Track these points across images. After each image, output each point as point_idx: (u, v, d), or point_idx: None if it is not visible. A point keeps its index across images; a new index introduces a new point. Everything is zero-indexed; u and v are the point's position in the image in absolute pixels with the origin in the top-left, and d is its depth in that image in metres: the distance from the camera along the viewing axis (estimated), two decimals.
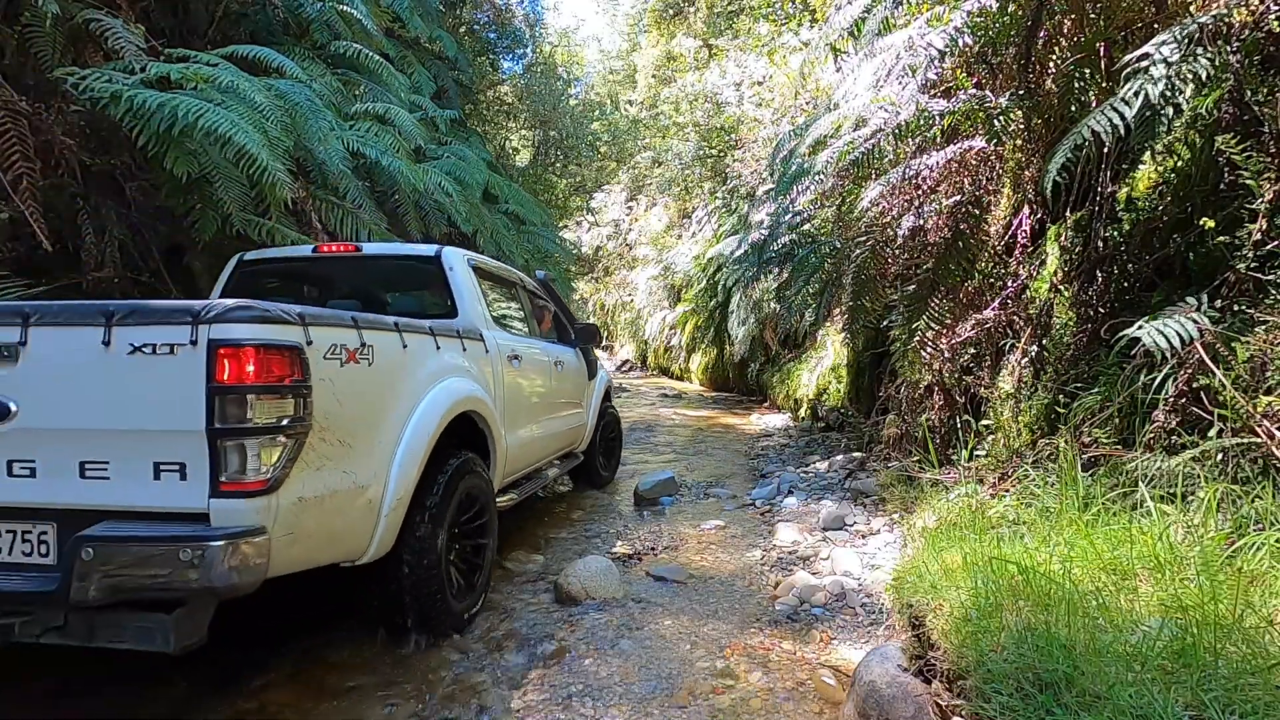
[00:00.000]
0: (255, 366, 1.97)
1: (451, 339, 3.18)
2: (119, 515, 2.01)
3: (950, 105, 3.82)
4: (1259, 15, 2.70)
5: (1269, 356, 2.33)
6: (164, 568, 1.91)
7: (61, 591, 1.90)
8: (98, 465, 2.02)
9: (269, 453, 2.01)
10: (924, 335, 3.90)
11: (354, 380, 2.36)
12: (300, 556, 2.20)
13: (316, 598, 3.18)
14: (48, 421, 2.02)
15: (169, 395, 1.97)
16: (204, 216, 4.38)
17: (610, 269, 24.86)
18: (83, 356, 2.01)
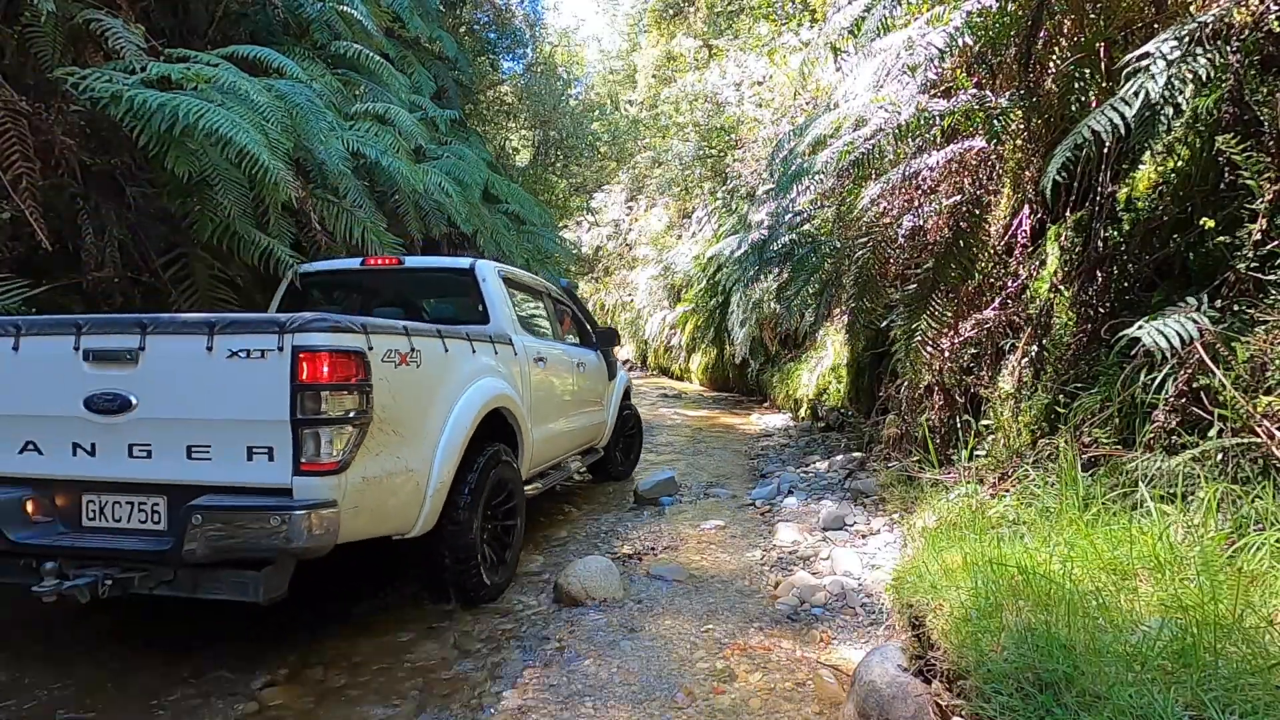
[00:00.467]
0: (329, 368, 2.38)
1: (484, 343, 3.54)
2: (217, 490, 2.43)
3: (950, 105, 3.81)
4: (1259, 15, 2.70)
5: (1269, 356, 2.33)
6: (257, 531, 2.33)
7: (174, 551, 2.34)
8: (202, 448, 2.45)
9: (339, 439, 2.41)
10: (925, 335, 3.89)
11: (405, 380, 2.75)
12: (362, 527, 2.59)
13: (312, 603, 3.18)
14: (162, 412, 2.46)
15: (260, 391, 2.38)
16: (202, 218, 4.38)
17: (610, 269, 24.86)
18: (190, 359, 2.44)
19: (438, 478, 2.94)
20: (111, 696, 2.48)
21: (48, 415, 2.55)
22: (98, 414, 2.48)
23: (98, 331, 2.53)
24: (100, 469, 2.52)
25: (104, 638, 2.95)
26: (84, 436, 2.51)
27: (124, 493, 2.52)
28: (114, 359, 2.49)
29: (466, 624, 3.10)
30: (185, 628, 3.04)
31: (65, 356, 2.51)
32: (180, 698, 2.47)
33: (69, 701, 2.45)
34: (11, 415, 2.58)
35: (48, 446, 2.55)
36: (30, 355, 2.56)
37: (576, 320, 5.67)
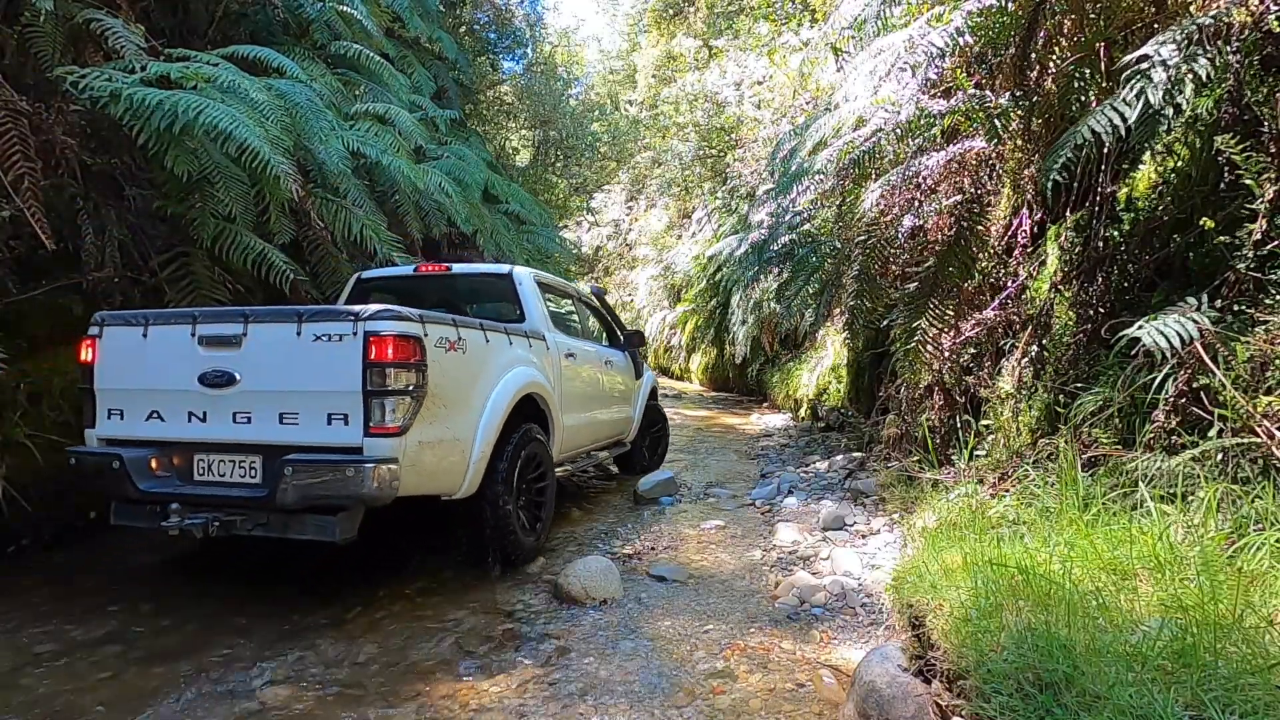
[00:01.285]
0: (393, 350, 2.87)
1: (520, 337, 4.06)
2: (303, 449, 2.93)
3: (950, 105, 3.81)
4: (1259, 15, 2.70)
5: (1269, 356, 2.33)
6: (335, 482, 2.83)
7: (269, 498, 2.88)
8: (291, 414, 2.97)
9: (400, 408, 2.90)
10: (925, 334, 3.89)
11: (453, 362, 3.26)
12: (417, 483, 3.05)
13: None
14: (260, 385, 3.00)
15: (338, 368, 2.88)
16: (203, 216, 4.38)
17: (610, 269, 24.87)
18: (283, 342, 2.98)
19: (480, 448, 3.41)
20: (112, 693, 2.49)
21: (169, 389, 3.11)
22: (209, 388, 3.04)
23: (209, 321, 3.10)
24: (209, 432, 3.08)
25: (110, 638, 2.95)
26: (197, 406, 3.07)
27: (227, 452, 3.08)
28: (222, 343, 3.04)
29: (467, 624, 3.10)
30: (186, 628, 3.04)
31: (184, 341, 3.08)
32: (178, 697, 2.47)
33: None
34: (141, 389, 3.17)
35: (168, 414, 3.13)
36: (156, 340, 3.14)
37: (605, 322, 6.13)
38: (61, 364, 4.09)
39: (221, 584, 3.59)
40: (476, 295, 5.36)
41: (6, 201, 3.54)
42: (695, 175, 17.34)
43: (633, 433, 6.20)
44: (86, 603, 3.29)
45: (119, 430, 3.22)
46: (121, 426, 3.21)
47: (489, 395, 3.55)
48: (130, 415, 3.19)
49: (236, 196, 4.37)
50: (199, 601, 3.34)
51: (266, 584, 3.59)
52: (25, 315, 3.94)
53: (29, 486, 3.79)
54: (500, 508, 3.55)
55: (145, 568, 3.83)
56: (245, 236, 4.49)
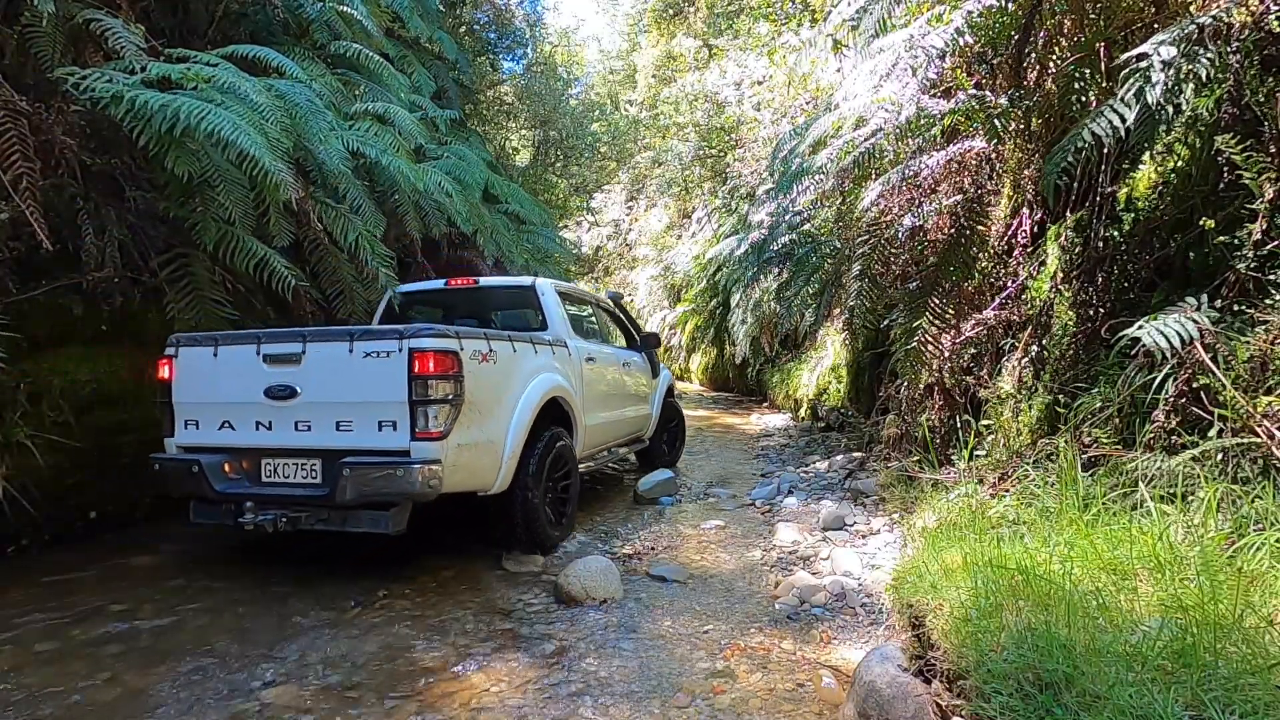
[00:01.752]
0: (434, 364, 3.22)
1: (544, 345, 4.35)
2: (358, 452, 3.28)
3: (950, 105, 3.81)
4: (1259, 15, 2.70)
5: (1269, 356, 2.33)
6: (387, 481, 3.18)
7: (330, 497, 3.24)
8: (346, 422, 3.33)
9: (442, 415, 3.25)
10: (925, 333, 3.89)
11: (486, 372, 3.59)
12: (457, 481, 3.38)
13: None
14: (318, 397, 3.36)
15: (386, 381, 3.23)
16: (205, 219, 4.38)
17: (610, 269, 24.86)
18: (338, 359, 3.34)
19: (511, 448, 3.74)
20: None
21: (238, 402, 3.49)
22: (273, 400, 3.41)
23: (272, 341, 3.47)
24: (275, 440, 3.44)
25: (110, 638, 2.95)
26: (264, 416, 3.45)
27: (291, 457, 3.44)
28: (285, 360, 3.41)
29: (467, 624, 3.10)
30: (187, 628, 3.05)
31: (250, 359, 3.46)
32: (178, 697, 2.47)
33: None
34: (214, 403, 3.54)
35: (238, 424, 3.50)
36: (225, 359, 3.52)
37: (623, 325, 6.49)
38: (61, 364, 4.10)
39: (221, 584, 3.59)
40: (502, 305, 5.67)
41: (6, 202, 3.54)
42: (695, 175, 17.34)
43: (651, 429, 6.50)
44: (86, 603, 3.30)
45: (195, 439, 3.61)
46: (197, 435, 3.60)
47: (518, 400, 3.88)
48: (205, 425, 3.58)
49: (237, 200, 4.37)
50: (199, 602, 3.34)
51: (267, 584, 3.59)
52: (25, 315, 3.94)
53: (29, 486, 3.79)
54: (530, 502, 3.88)
55: (144, 568, 3.83)
56: (247, 241, 4.49)
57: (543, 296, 4.92)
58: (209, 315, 4.58)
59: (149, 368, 3.98)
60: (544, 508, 4.01)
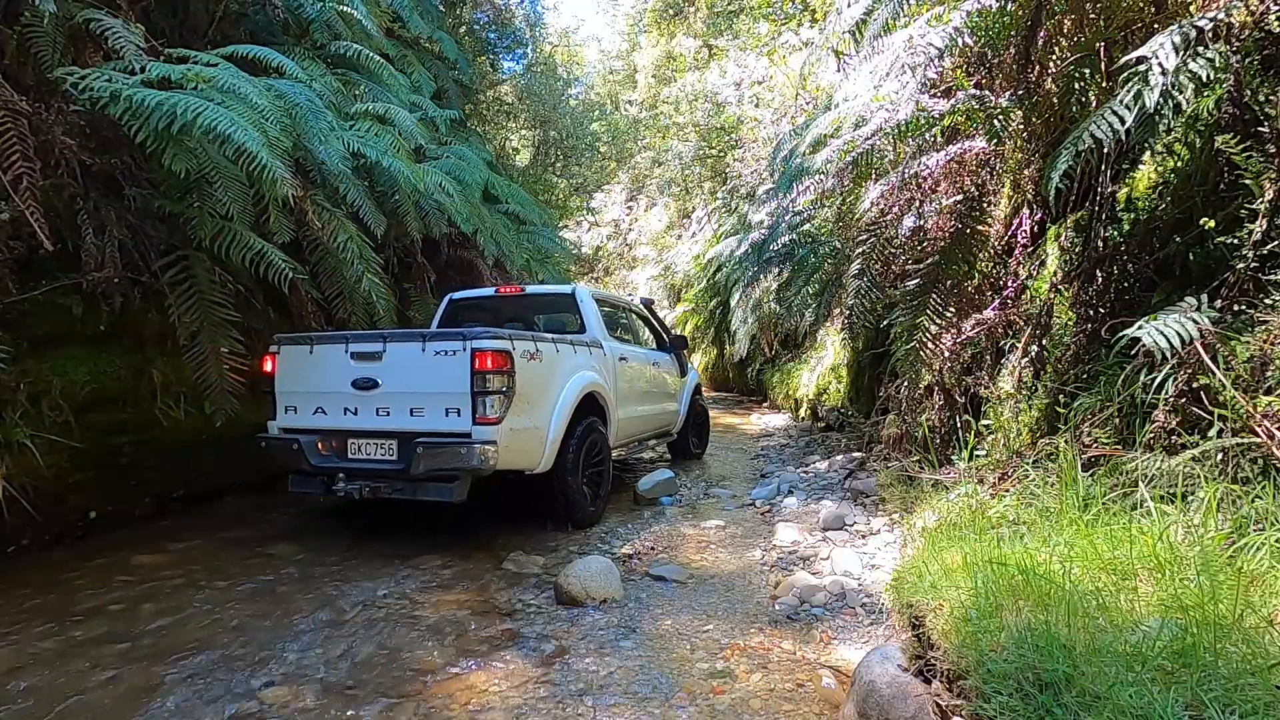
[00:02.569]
0: (491, 361, 3.79)
1: (583, 346, 4.92)
2: (428, 434, 3.87)
3: (950, 105, 3.81)
4: (1259, 15, 2.70)
5: (1269, 356, 2.33)
6: (453, 458, 3.77)
7: (405, 470, 3.86)
8: (419, 409, 3.91)
9: (497, 404, 3.83)
10: (926, 333, 3.89)
11: (533, 369, 4.15)
12: (509, 460, 3.95)
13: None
14: (396, 388, 3.96)
15: (453, 374, 3.82)
16: (201, 215, 4.38)
17: (610, 269, 24.85)
18: (413, 355, 3.93)
19: (553, 434, 4.30)
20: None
21: (330, 391, 4.10)
22: (359, 390, 4.02)
23: (358, 341, 4.09)
24: (359, 423, 4.05)
25: (110, 638, 2.95)
26: (350, 404, 4.05)
27: (373, 437, 4.03)
28: (368, 357, 4.03)
29: (467, 624, 3.10)
30: (186, 628, 3.05)
31: (340, 356, 4.08)
32: (178, 697, 2.47)
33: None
34: (310, 391, 4.16)
35: (329, 410, 4.12)
36: (319, 355, 4.15)
37: (653, 328, 7.03)
38: (61, 364, 4.10)
39: (221, 584, 3.59)
40: (545, 310, 6.25)
41: (5, 202, 3.54)
42: (695, 175, 17.34)
43: (679, 424, 7.03)
44: (87, 603, 3.30)
45: (293, 422, 4.23)
46: (295, 419, 4.23)
47: (560, 394, 4.44)
48: (301, 410, 4.20)
49: (234, 196, 4.37)
50: (199, 602, 3.34)
51: (267, 584, 3.59)
52: (25, 315, 3.94)
53: (29, 487, 3.79)
54: (569, 482, 4.46)
55: (145, 568, 3.83)
56: (244, 235, 4.49)
57: (581, 303, 5.49)
58: (210, 315, 4.59)
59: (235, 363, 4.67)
60: (581, 487, 4.59)
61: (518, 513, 4.96)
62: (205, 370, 4.58)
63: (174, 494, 4.95)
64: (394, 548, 4.21)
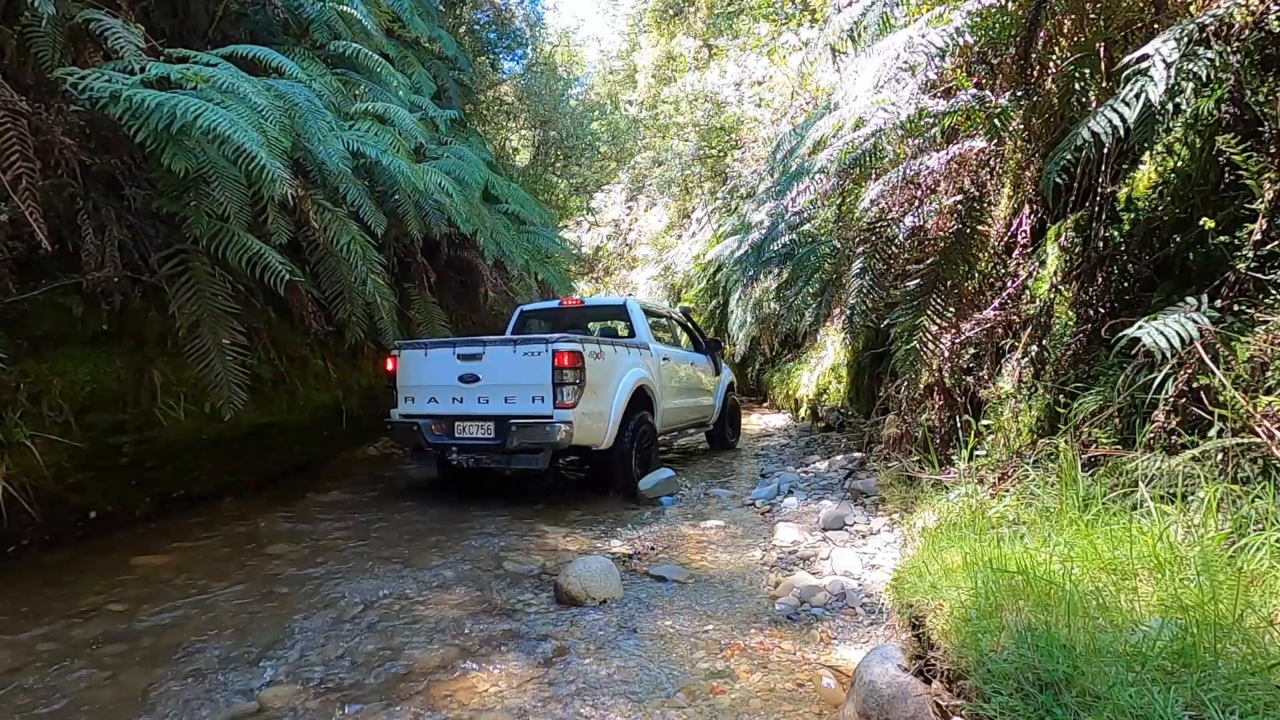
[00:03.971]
0: (567, 359, 4.81)
1: (635, 349, 5.99)
2: (519, 417, 4.91)
3: (950, 105, 3.81)
4: (1259, 15, 2.70)
5: (1269, 356, 2.33)
6: (539, 434, 4.80)
7: (502, 445, 4.88)
8: (511, 397, 4.97)
9: (572, 393, 4.85)
10: (926, 333, 3.89)
11: (598, 366, 5.19)
12: (580, 438, 4.99)
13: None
14: (493, 381, 5.02)
15: (538, 370, 4.86)
16: (198, 214, 4.38)
17: (610, 269, 24.84)
18: (506, 356, 5.00)
19: (613, 418, 5.35)
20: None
21: (441, 384, 5.22)
22: (464, 383, 5.13)
23: (463, 345, 5.21)
24: (464, 409, 5.16)
25: (110, 638, 2.95)
26: (457, 394, 5.17)
27: (475, 420, 5.11)
28: (472, 358, 5.13)
29: (467, 624, 3.10)
30: (186, 628, 3.05)
31: (449, 357, 5.21)
32: (178, 697, 2.47)
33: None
34: (424, 385, 5.30)
35: (440, 399, 5.24)
36: (433, 357, 5.30)
37: (691, 333, 8.10)
38: (61, 364, 4.10)
39: (221, 584, 3.59)
40: (601, 319, 7.95)
41: (5, 202, 3.54)
42: (695, 175, 17.34)
43: (715, 416, 8.03)
44: (86, 603, 3.30)
45: (411, 409, 5.36)
46: (413, 407, 5.36)
47: (618, 386, 5.47)
48: (418, 400, 5.34)
49: (232, 196, 4.36)
50: (199, 602, 3.34)
51: (266, 584, 3.59)
52: (25, 315, 3.94)
53: (29, 486, 3.79)
54: (625, 458, 5.49)
55: (144, 568, 3.83)
56: (241, 236, 4.48)
57: (631, 312, 6.61)
58: (210, 306, 4.57)
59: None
60: (634, 464, 5.58)
61: (517, 513, 4.95)
62: (209, 363, 4.53)
63: (174, 494, 4.95)
64: (394, 548, 4.21)
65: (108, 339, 4.38)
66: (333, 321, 5.91)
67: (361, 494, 5.80)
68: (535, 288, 10.69)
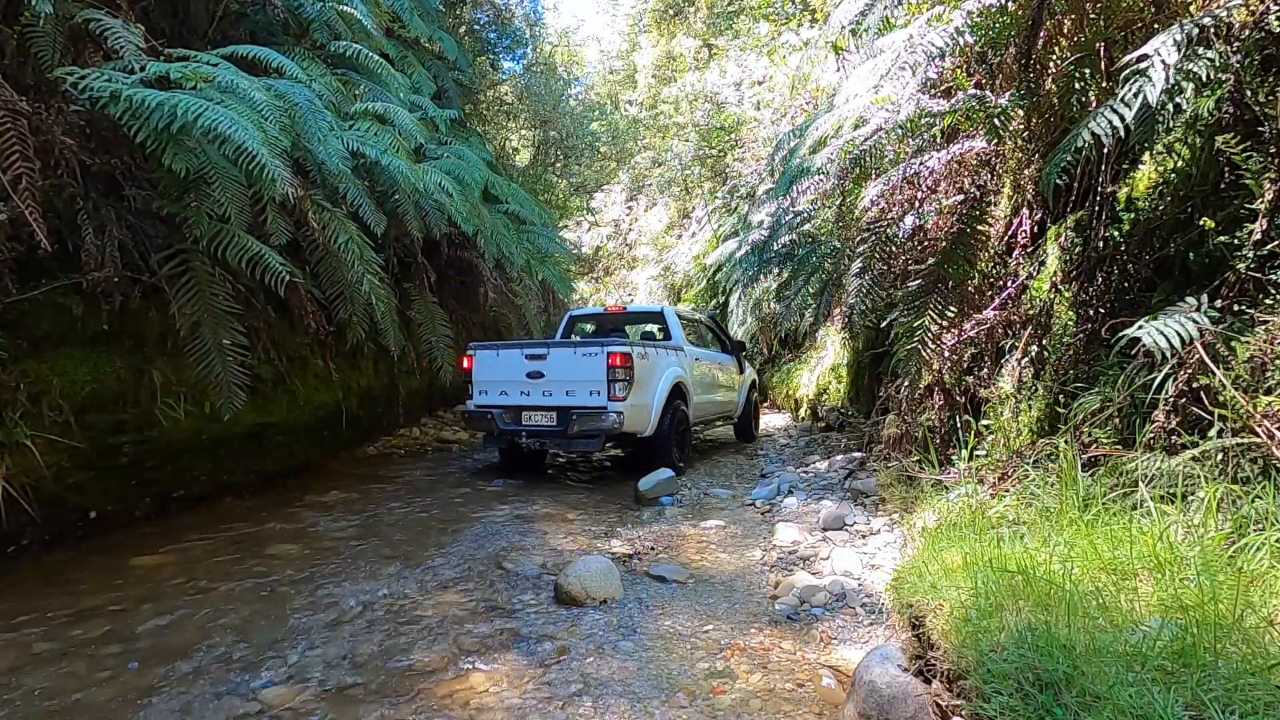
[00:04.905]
0: (619, 360, 5.75)
1: (672, 350, 6.83)
2: (578, 408, 5.85)
3: (950, 105, 3.81)
4: (1259, 15, 2.70)
5: (1269, 356, 2.33)
6: (595, 422, 5.77)
7: (564, 431, 5.88)
8: (571, 391, 5.90)
9: (623, 388, 5.77)
10: (926, 332, 3.89)
11: (644, 365, 6.04)
12: (629, 425, 5.83)
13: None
14: (556, 378, 5.97)
15: (594, 368, 5.82)
16: (198, 216, 4.37)
17: (610, 269, 24.85)
18: (568, 356, 5.96)
19: (656, 409, 6.24)
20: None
21: (510, 380, 6.13)
22: (530, 379, 6.02)
23: (530, 347, 6.11)
24: (531, 401, 6.04)
25: (110, 638, 2.95)
26: (525, 388, 6.05)
27: (540, 410, 6.00)
28: (538, 358, 6.03)
29: (467, 624, 3.10)
30: (186, 628, 3.05)
31: (517, 357, 6.11)
32: (178, 697, 2.47)
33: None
34: (496, 380, 6.20)
35: (510, 392, 6.15)
36: (504, 357, 6.20)
37: (718, 336, 8.96)
38: (61, 364, 4.10)
39: (221, 584, 3.59)
40: (640, 323, 9.29)
41: (5, 202, 3.54)
42: (695, 175, 17.34)
43: (740, 411, 8.97)
44: (86, 603, 3.30)
45: (485, 401, 6.29)
46: (486, 399, 6.30)
47: (659, 382, 6.34)
48: (491, 393, 6.27)
49: (232, 196, 4.35)
50: (199, 602, 3.34)
51: (267, 584, 3.59)
52: (25, 315, 3.94)
53: (29, 487, 3.79)
54: (665, 443, 6.34)
55: (144, 568, 3.83)
56: (241, 237, 4.47)
57: (667, 318, 7.54)
58: (210, 307, 4.56)
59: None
60: (672, 447, 6.45)
61: (517, 512, 4.95)
62: (209, 363, 4.53)
63: (174, 494, 4.95)
64: (394, 548, 4.21)
65: (108, 339, 4.38)
66: (333, 321, 5.91)
67: (362, 494, 5.80)
68: (535, 288, 10.87)
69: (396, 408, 7.87)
